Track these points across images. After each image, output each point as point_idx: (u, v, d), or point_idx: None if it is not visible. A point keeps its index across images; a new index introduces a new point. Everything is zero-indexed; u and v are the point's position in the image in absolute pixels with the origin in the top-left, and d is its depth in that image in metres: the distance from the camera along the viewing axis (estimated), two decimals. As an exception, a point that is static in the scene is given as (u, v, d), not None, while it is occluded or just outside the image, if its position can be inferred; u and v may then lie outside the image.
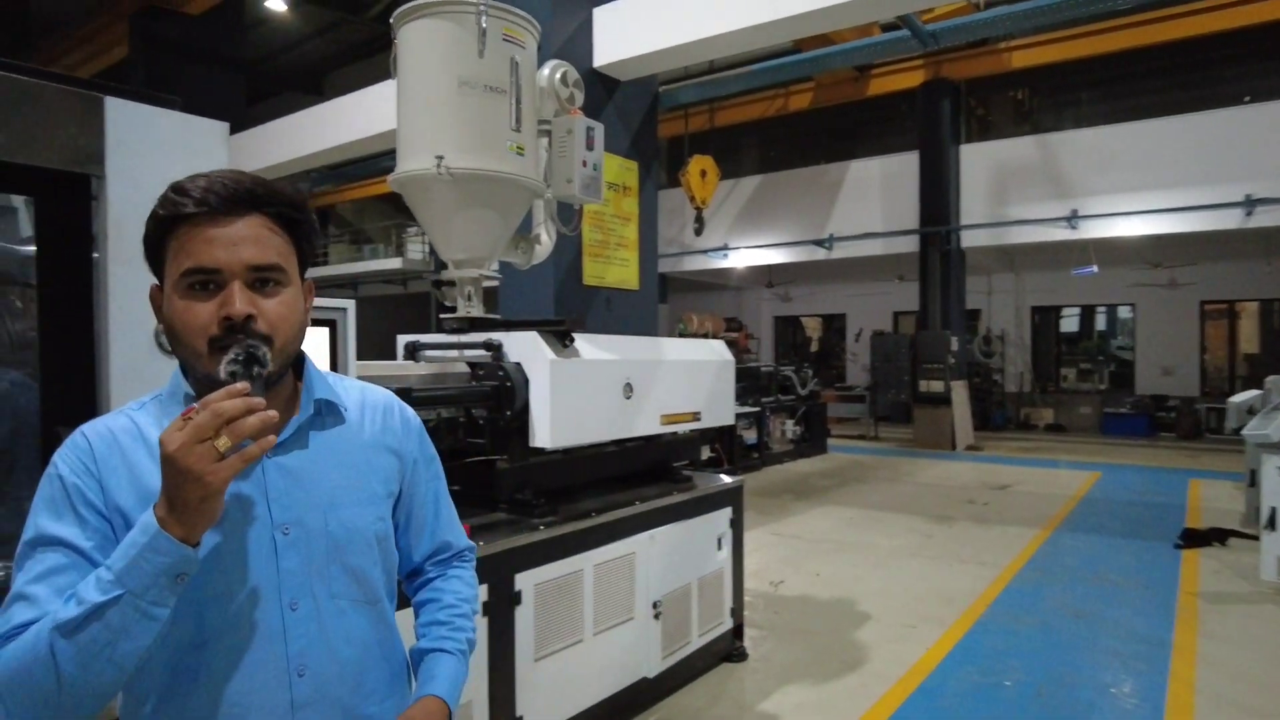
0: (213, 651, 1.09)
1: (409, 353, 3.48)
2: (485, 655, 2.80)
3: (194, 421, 0.93)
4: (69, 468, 1.07)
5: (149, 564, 0.95)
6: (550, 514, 3.21)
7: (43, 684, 0.95)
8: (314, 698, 1.13)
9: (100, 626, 0.94)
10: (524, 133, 3.37)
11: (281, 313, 1.09)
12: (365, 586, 1.20)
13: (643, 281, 6.50)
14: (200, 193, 1.06)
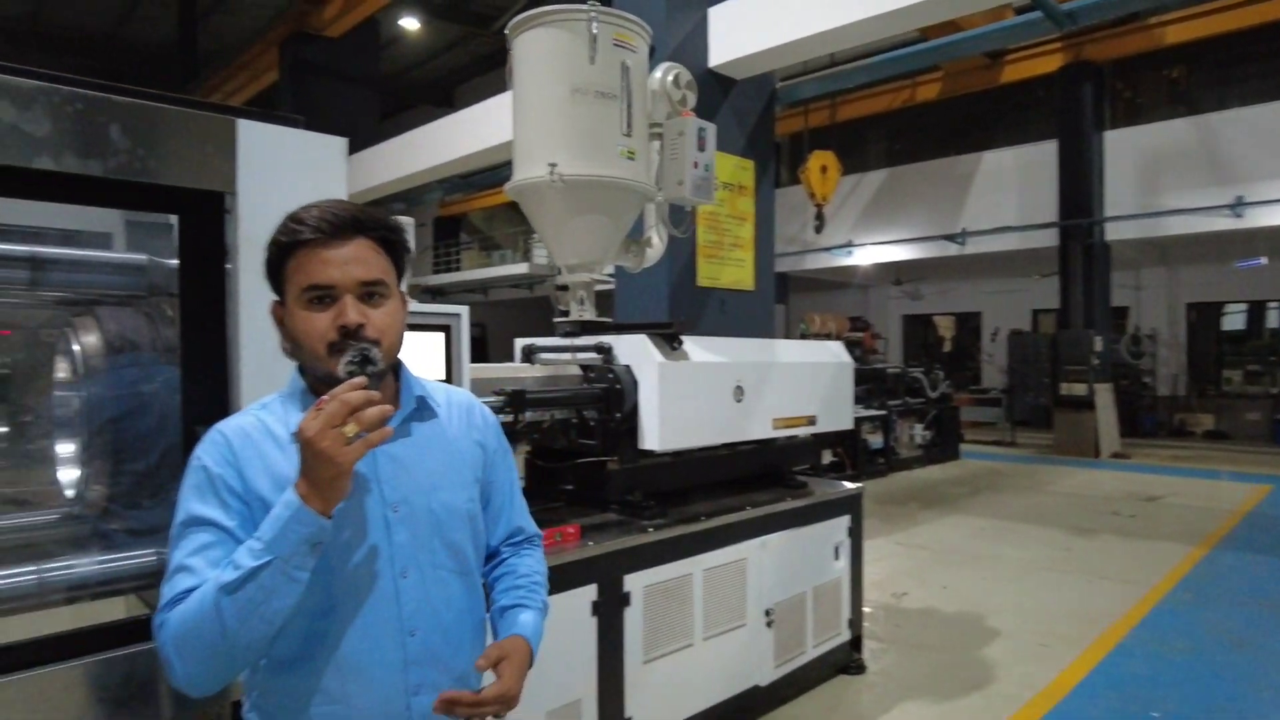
0: (338, 616, 1.26)
1: (525, 355, 3.57)
2: (594, 654, 2.83)
3: (326, 411, 1.11)
4: (212, 460, 1.25)
5: (293, 533, 1.13)
6: (660, 516, 3.21)
7: (211, 636, 1.13)
8: (423, 655, 1.31)
9: (255, 586, 1.12)
10: (635, 137, 3.39)
11: (387, 320, 1.27)
12: (460, 558, 1.38)
13: (758, 282, 6.41)
14: (315, 221, 1.25)
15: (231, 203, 1.83)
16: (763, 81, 6.34)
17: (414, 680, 1.30)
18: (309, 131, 1.92)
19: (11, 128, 1.55)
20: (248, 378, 1.85)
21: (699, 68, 5.71)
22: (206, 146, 1.78)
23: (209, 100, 8.27)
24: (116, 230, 2.29)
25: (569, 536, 2.89)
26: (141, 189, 1.72)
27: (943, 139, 15.72)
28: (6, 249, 1.75)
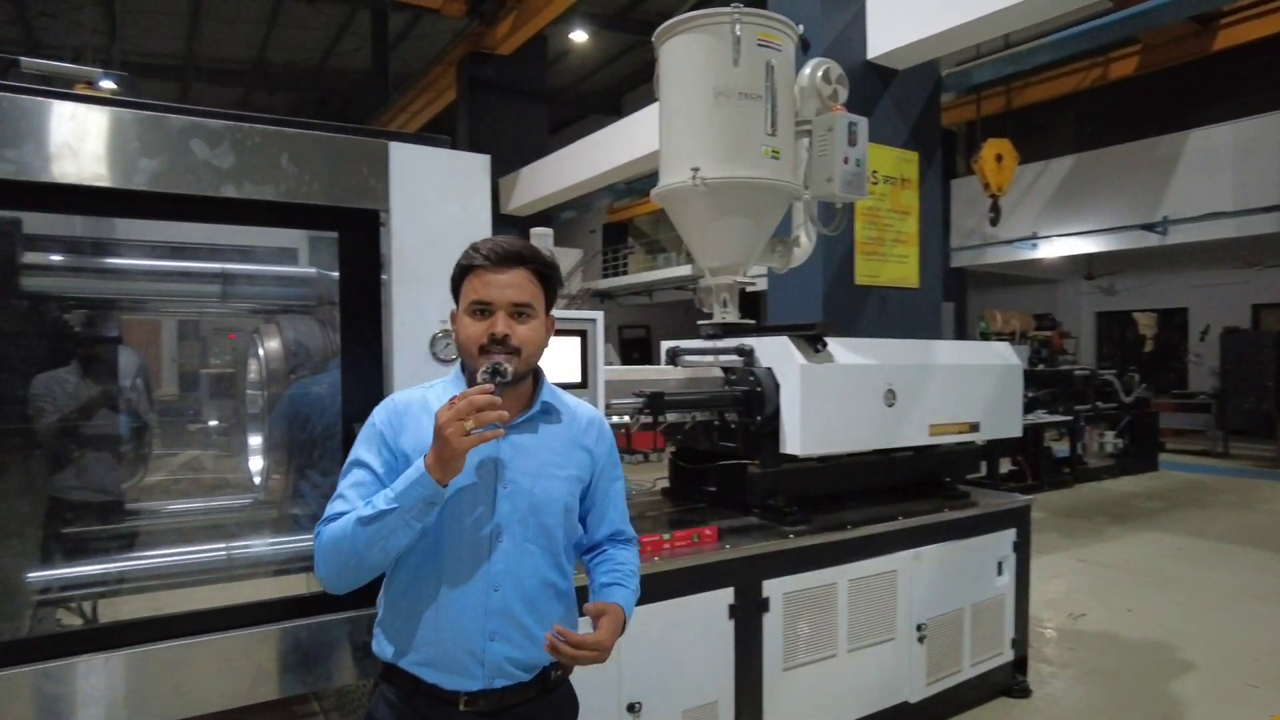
0: (444, 557, 1.56)
1: (670, 358, 3.62)
2: (731, 657, 2.82)
3: (456, 407, 1.40)
4: (380, 419, 1.62)
5: (414, 493, 1.44)
6: (803, 522, 3.16)
7: (345, 553, 1.48)
8: (501, 609, 1.57)
9: (381, 524, 1.45)
10: (780, 136, 3.35)
11: (529, 335, 1.57)
12: (550, 539, 1.63)
13: (924, 279, 6.13)
14: (487, 250, 1.56)
15: (385, 219, 2.00)
16: (927, 70, 6.06)
17: (491, 628, 1.56)
18: (455, 150, 2.06)
19: (204, 162, 1.78)
20: (400, 379, 2.02)
21: (855, 60, 5.54)
22: (364, 169, 1.95)
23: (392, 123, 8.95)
24: (301, 246, 2.56)
25: (706, 538, 2.90)
26: (307, 210, 1.92)
27: (1140, 119, 14.24)
28: (202, 266, 2.01)
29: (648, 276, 19.10)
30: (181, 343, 3.12)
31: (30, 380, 2.09)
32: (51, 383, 2.16)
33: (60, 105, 1.67)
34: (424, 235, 2.03)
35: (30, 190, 1.68)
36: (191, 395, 3.02)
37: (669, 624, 2.69)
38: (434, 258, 2.04)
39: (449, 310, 2.06)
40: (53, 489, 2.19)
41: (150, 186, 1.74)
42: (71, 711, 1.74)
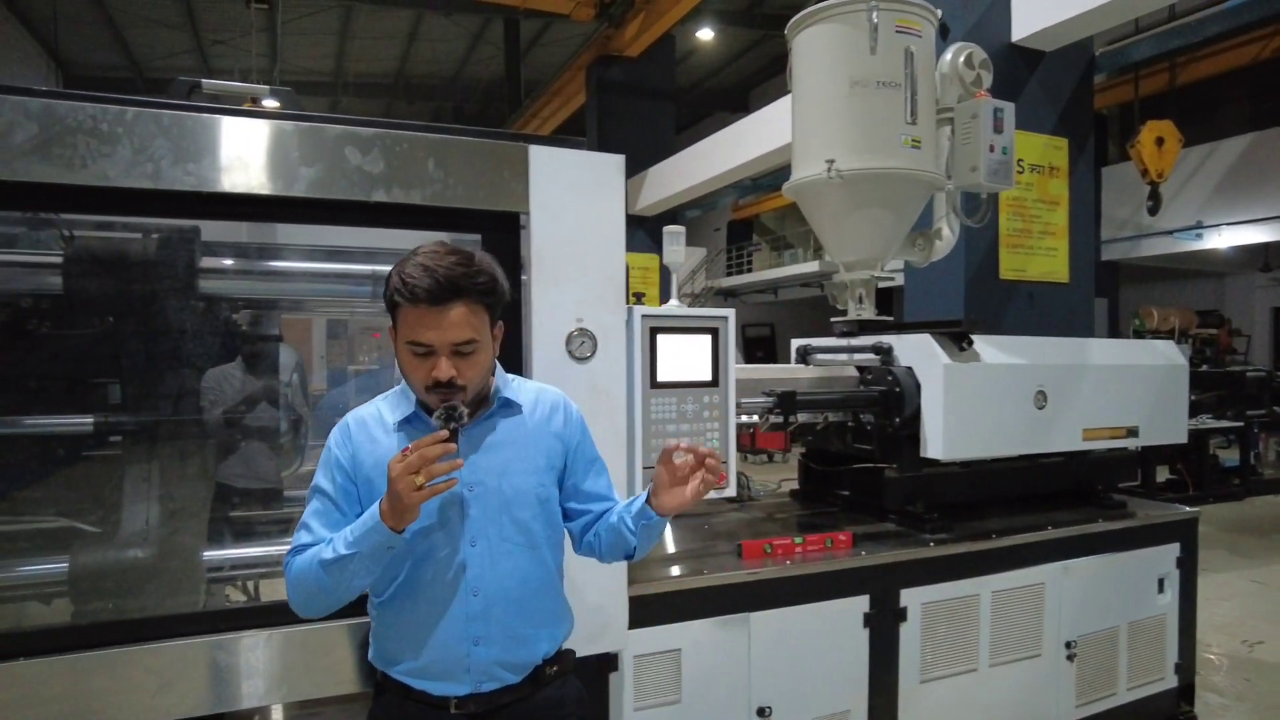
0: (420, 570, 1.56)
1: (801, 356, 3.54)
2: (865, 667, 2.74)
3: (407, 460, 1.37)
4: (335, 442, 1.61)
5: (371, 539, 1.44)
6: (943, 530, 3.02)
7: (312, 588, 1.50)
8: (483, 613, 1.57)
9: (341, 569, 1.46)
10: (920, 125, 3.22)
11: (474, 372, 1.52)
12: (527, 535, 1.62)
13: (1074, 273, 5.74)
14: (419, 289, 1.45)
15: (525, 221, 2.05)
16: (1078, 50, 5.66)
17: (474, 632, 1.56)
18: (591, 152, 2.09)
19: (356, 168, 1.88)
20: (539, 376, 2.06)
21: (1000, 43, 5.25)
22: (505, 172, 2.01)
23: (525, 129, 9.23)
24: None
25: (840, 543, 2.82)
26: (452, 213, 1.99)
27: (1332, 91, 12.79)
28: (355, 268, 2.13)
29: (773, 274, 18.86)
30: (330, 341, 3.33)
31: (217, 375, 2.28)
32: (220, 377, 2.34)
33: (233, 121, 1.80)
34: (561, 236, 2.06)
35: (208, 200, 1.82)
36: (340, 390, 3.21)
37: (801, 629, 2.63)
38: (570, 258, 2.08)
39: (584, 309, 2.11)
40: (220, 476, 2.37)
41: (308, 193, 1.84)
42: (237, 681, 1.87)
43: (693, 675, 2.47)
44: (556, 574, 1.71)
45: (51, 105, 1.69)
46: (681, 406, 2.32)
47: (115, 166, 1.72)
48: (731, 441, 2.42)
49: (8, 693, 1.71)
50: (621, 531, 1.67)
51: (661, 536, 1.72)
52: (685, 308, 2.37)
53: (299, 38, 15.28)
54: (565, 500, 1.74)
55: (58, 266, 2.01)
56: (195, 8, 14.48)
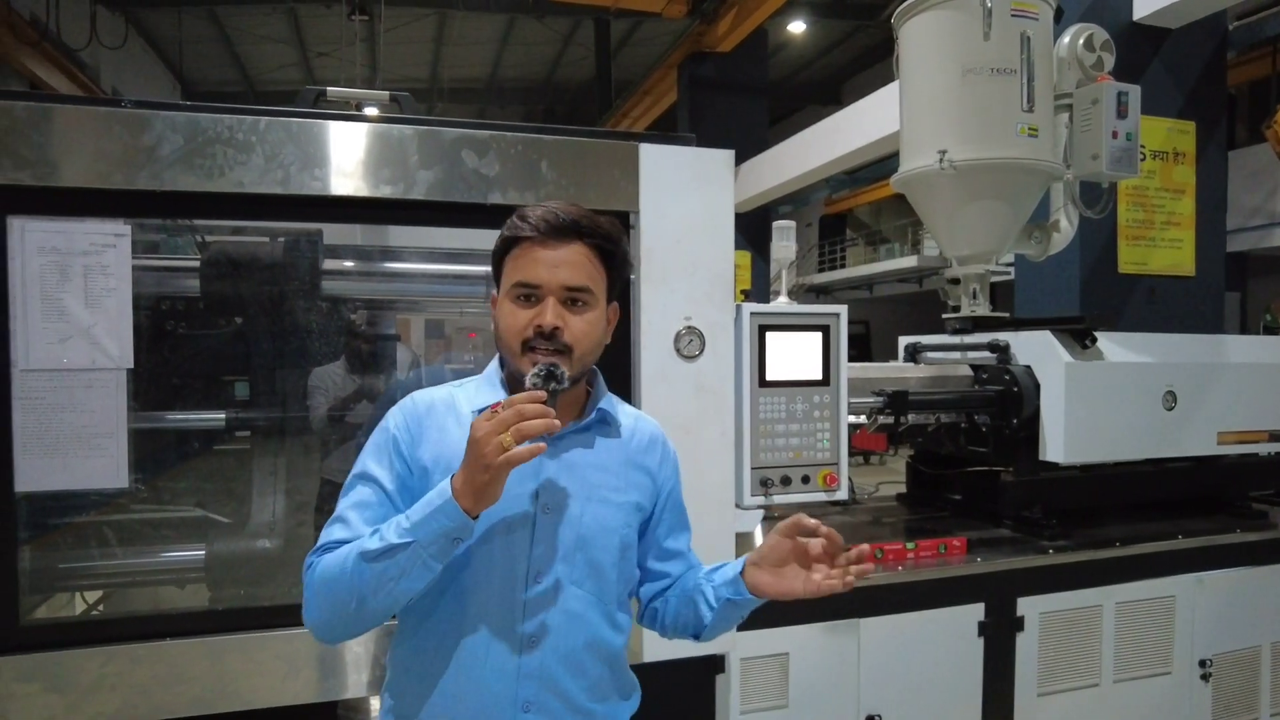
0: (466, 604, 1.24)
1: (910, 354, 3.44)
2: (979, 677, 2.64)
3: (499, 416, 1.10)
4: (395, 422, 1.32)
5: (436, 524, 1.12)
6: (1062, 537, 2.87)
7: (343, 595, 1.16)
8: (538, 671, 1.25)
9: (391, 562, 1.13)
10: (1037, 112, 3.08)
11: (584, 328, 1.26)
12: (601, 582, 1.30)
13: (1201, 266, 5.37)
14: (536, 220, 1.26)
15: (635, 220, 2.05)
16: (1209, 25, 5.30)
17: (525, 694, 1.24)
18: (700, 148, 2.07)
19: (473, 171, 1.91)
20: (647, 377, 2.06)
21: (1120, 23, 4.95)
22: (615, 171, 2.01)
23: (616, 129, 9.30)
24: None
25: (954, 549, 2.72)
26: (563, 213, 2.01)
27: None
28: (470, 269, 2.17)
29: (868, 269, 18.42)
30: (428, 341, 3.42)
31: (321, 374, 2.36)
32: (324, 375, 2.42)
33: (356, 126, 1.86)
34: (670, 234, 2.05)
35: (333, 204, 1.89)
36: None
37: (913, 637, 2.56)
38: (679, 256, 2.07)
39: (692, 307, 2.09)
40: (324, 472, 2.46)
41: (427, 196, 1.89)
42: (343, 672, 1.94)
43: (800, 680, 2.43)
44: (625, 634, 1.38)
45: (194, 118, 1.78)
46: (791, 406, 2.28)
47: (249, 174, 1.81)
48: (843, 443, 2.36)
49: (156, 669, 1.82)
50: (697, 602, 1.37)
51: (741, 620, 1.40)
52: (795, 304, 2.33)
53: (397, 46, 15.81)
54: (642, 556, 1.44)
55: (195, 270, 2.12)
56: (302, 23, 15.17)
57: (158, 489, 2.21)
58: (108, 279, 1.84)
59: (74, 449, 1.84)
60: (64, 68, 10.03)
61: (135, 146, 1.76)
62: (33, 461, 1.81)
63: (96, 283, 1.84)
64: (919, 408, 2.84)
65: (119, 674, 1.80)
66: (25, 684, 1.74)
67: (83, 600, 2.27)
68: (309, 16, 14.71)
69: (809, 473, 2.31)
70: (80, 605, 2.22)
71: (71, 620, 2.08)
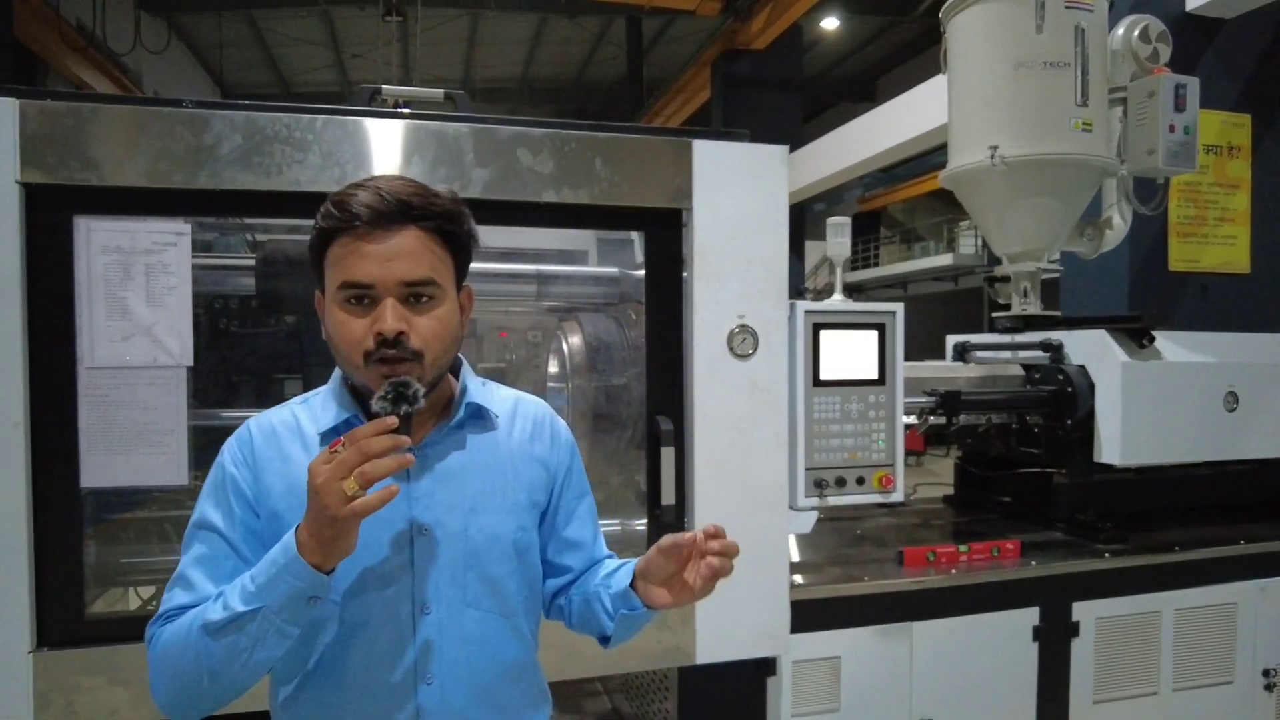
0: (349, 650, 1.10)
1: (958, 354, 3.38)
2: (1034, 683, 2.60)
3: (339, 458, 0.94)
4: (230, 458, 1.14)
5: (285, 585, 0.97)
6: (1118, 540, 2.81)
7: (191, 672, 1.02)
8: (439, 707, 1.11)
9: (240, 634, 0.98)
10: (1092, 106, 3.01)
11: (434, 328, 1.07)
12: (500, 597, 1.16)
13: (1258, 263, 5.21)
14: (358, 206, 1.04)
15: (687, 217, 2.03)
16: (1265, 15, 5.15)
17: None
18: (754, 144, 2.05)
19: (528, 169, 1.91)
20: (699, 377, 2.04)
21: (1173, 14, 4.82)
22: (669, 168, 2.00)
23: (666, 125, 9.23)
24: (591, 247, 2.69)
25: (1007, 552, 2.67)
26: (618, 212, 2.00)
27: None
28: (521, 268, 2.17)
29: (902, 267, 18.26)
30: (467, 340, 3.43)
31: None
32: None
33: (413, 125, 1.86)
34: (724, 231, 2.03)
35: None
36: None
37: (966, 641, 2.52)
38: (733, 253, 2.05)
39: (745, 305, 2.07)
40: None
41: (483, 195, 1.89)
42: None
43: (852, 684, 2.40)
44: (534, 648, 1.25)
45: (253, 117, 1.80)
46: (846, 406, 2.24)
47: (306, 172, 1.82)
48: (899, 443, 2.33)
49: (214, 667, 1.83)
50: (596, 610, 1.23)
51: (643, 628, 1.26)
52: (850, 302, 2.29)
53: (430, 47, 15.93)
54: (541, 549, 1.28)
55: (249, 269, 2.14)
56: (336, 25, 15.34)
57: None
58: (168, 277, 1.86)
59: (136, 446, 1.86)
60: (108, 72, 10.25)
61: (196, 146, 1.77)
62: (97, 458, 1.83)
63: (158, 281, 1.86)
64: (972, 408, 2.79)
65: (179, 669, 1.82)
66: (90, 676, 1.76)
67: (136, 595, 2.30)
68: (343, 18, 14.88)
69: (864, 474, 2.28)
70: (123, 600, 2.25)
71: (132, 615, 2.10)
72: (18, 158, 1.69)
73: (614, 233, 2.52)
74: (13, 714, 1.71)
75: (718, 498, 2.05)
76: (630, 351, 2.43)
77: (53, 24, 8.80)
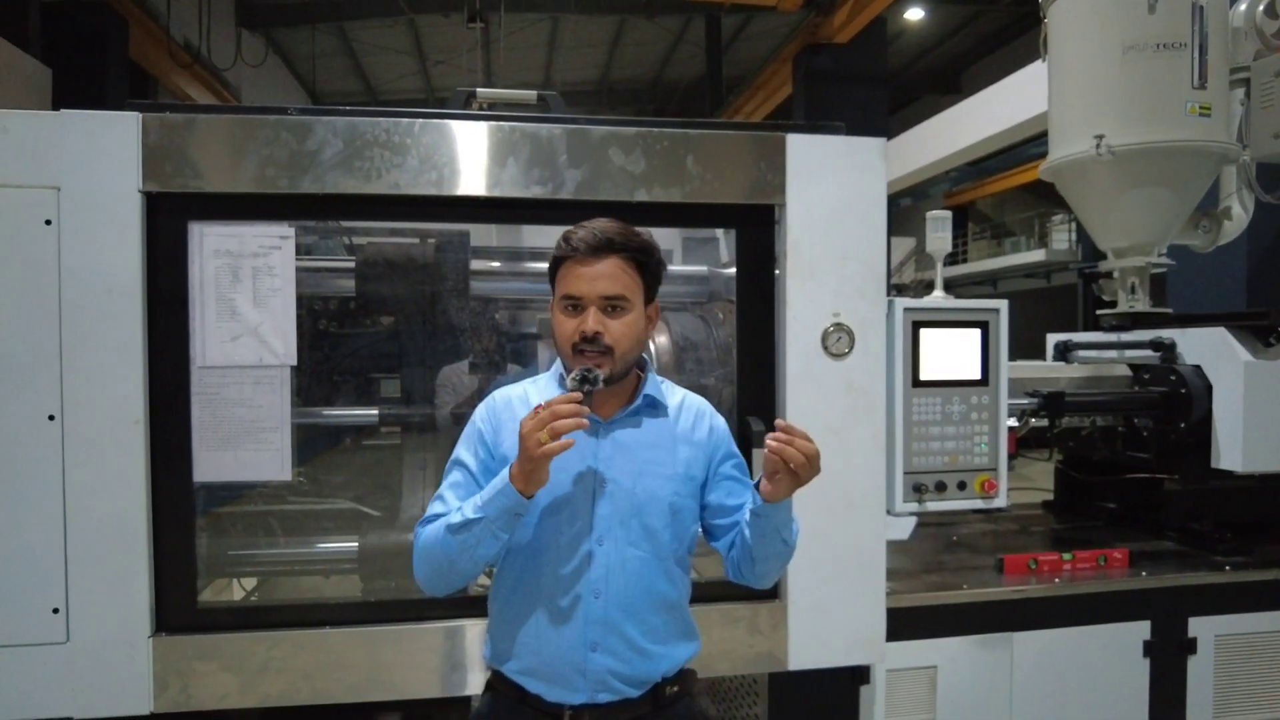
0: (543, 564, 1.49)
1: (1059, 353, 3.24)
2: (1145, 700, 2.47)
3: (539, 416, 1.33)
4: (480, 417, 1.58)
5: (499, 503, 1.38)
6: (1239, 553, 2.64)
7: (438, 558, 1.45)
8: (602, 618, 1.47)
9: (468, 534, 1.40)
10: (1211, 89, 2.82)
11: (623, 330, 1.46)
12: (655, 543, 1.51)
13: (1391, 256, 4.84)
14: (577, 241, 1.46)
15: (780, 214, 1.99)
16: (1401, -11, 4.76)
17: (592, 638, 1.46)
18: (850, 137, 1.99)
19: (620, 169, 1.90)
20: (792, 376, 2.00)
21: (1297, -11, 4.52)
22: (760, 164, 1.96)
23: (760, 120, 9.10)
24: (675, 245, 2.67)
25: (1115, 562, 2.54)
26: (709, 209, 1.98)
27: None
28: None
29: (992, 264, 17.64)
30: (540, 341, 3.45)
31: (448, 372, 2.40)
32: (451, 374, 2.46)
33: (508, 126, 1.88)
34: (819, 227, 1.99)
35: (484, 205, 1.92)
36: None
37: (1071, 654, 2.42)
38: (828, 250, 2.00)
39: (841, 303, 2.02)
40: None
41: (576, 195, 1.90)
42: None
43: (949, 695, 2.32)
44: (683, 587, 1.59)
45: (353, 122, 1.85)
46: (947, 407, 2.16)
47: (405, 175, 1.86)
48: (1003, 447, 2.23)
49: (317, 656, 1.90)
50: (745, 538, 1.52)
51: (789, 545, 1.51)
52: (951, 299, 2.21)
53: (511, 53, 16.19)
54: (711, 518, 1.61)
55: (349, 271, 2.20)
56: (421, 33, 15.75)
57: (318, 482, 2.31)
58: (274, 279, 1.93)
59: (244, 442, 1.94)
60: (211, 86, 10.78)
61: (299, 151, 1.84)
62: (208, 454, 1.91)
63: (264, 283, 1.93)
64: (1076, 409, 2.67)
65: (284, 658, 1.89)
66: (204, 662, 1.84)
67: (240, 586, 2.40)
68: (428, 26, 15.27)
69: (965, 478, 2.19)
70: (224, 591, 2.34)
71: (240, 605, 2.19)
72: (140, 168, 1.78)
73: (699, 231, 2.51)
74: (135, 695, 1.81)
75: (811, 501, 1.97)
76: (718, 351, 2.41)
77: (163, 44, 9.31)
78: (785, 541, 1.50)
